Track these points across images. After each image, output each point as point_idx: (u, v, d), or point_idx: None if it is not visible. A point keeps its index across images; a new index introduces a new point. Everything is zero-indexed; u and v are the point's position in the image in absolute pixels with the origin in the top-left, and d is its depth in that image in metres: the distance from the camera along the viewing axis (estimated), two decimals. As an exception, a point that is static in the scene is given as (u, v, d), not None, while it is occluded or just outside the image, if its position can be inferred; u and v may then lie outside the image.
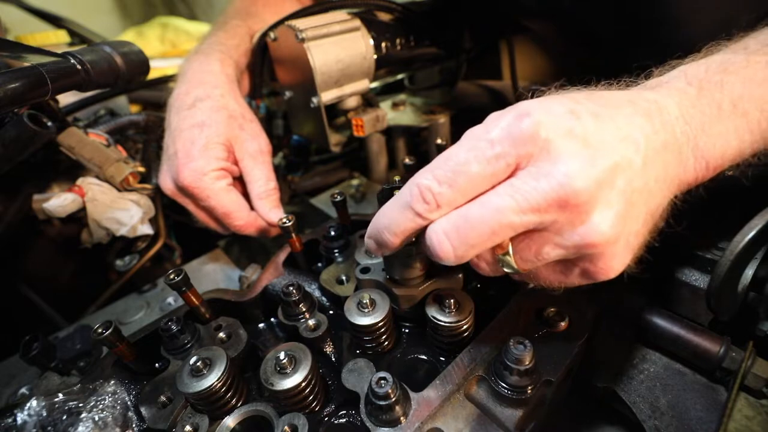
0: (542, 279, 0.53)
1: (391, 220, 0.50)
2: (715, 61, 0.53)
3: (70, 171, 1.07)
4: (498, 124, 0.45)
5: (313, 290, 0.76)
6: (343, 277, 0.74)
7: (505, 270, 0.50)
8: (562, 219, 0.43)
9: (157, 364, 0.68)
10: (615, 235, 0.44)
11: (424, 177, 0.47)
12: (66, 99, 1.21)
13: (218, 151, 0.93)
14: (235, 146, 0.97)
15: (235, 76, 1.06)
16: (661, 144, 0.46)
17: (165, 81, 1.47)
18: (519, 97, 0.50)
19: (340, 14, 1.09)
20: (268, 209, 0.97)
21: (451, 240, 0.46)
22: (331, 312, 0.74)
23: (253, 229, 0.99)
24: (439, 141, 0.95)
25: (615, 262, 0.46)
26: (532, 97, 0.49)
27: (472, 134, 0.47)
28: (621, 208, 0.44)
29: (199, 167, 0.90)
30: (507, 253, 0.48)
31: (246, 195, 1.00)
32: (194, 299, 0.67)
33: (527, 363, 0.52)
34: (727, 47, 0.57)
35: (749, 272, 0.63)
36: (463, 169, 0.45)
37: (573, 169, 0.42)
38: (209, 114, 0.93)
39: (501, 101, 1.51)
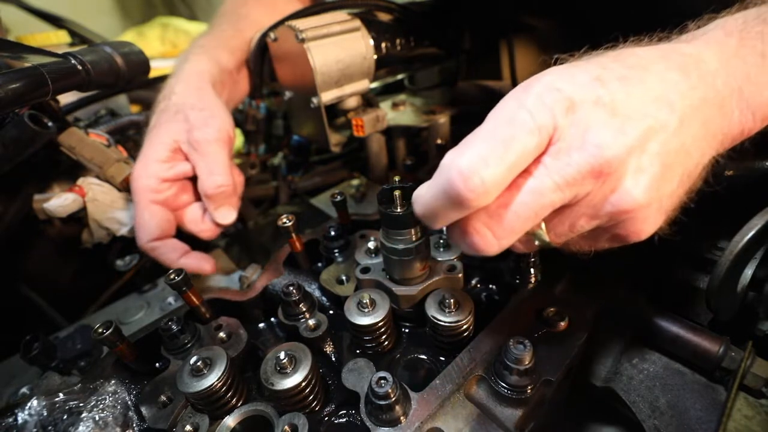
0: (572, 246, 0.53)
1: (431, 210, 0.47)
2: (751, 14, 0.52)
3: (70, 171, 1.07)
4: (528, 94, 0.44)
5: (313, 290, 0.76)
6: (343, 277, 0.74)
7: (538, 244, 0.50)
8: (595, 189, 0.44)
9: (157, 364, 0.68)
10: (648, 199, 0.43)
11: (466, 159, 0.41)
12: (66, 98, 1.21)
13: (159, 152, 0.86)
14: (180, 141, 0.88)
15: (210, 70, 1.00)
16: (699, 99, 0.45)
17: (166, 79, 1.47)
18: (543, 64, 0.49)
19: (340, 14, 1.09)
20: (213, 208, 0.87)
21: (495, 231, 0.45)
22: (331, 312, 0.74)
23: (155, 256, 0.89)
24: (439, 141, 0.95)
25: (646, 226, 0.46)
26: (555, 65, 0.48)
27: (502, 108, 0.44)
28: (656, 172, 0.43)
29: (136, 171, 0.86)
30: (540, 229, 0.48)
31: None
32: (194, 299, 0.67)
33: (527, 363, 0.52)
34: (759, 4, 0.55)
35: (749, 272, 0.63)
36: (512, 145, 0.42)
37: (603, 139, 0.42)
38: (159, 115, 0.90)
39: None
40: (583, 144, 0.42)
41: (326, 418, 0.58)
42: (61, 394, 0.58)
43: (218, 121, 0.89)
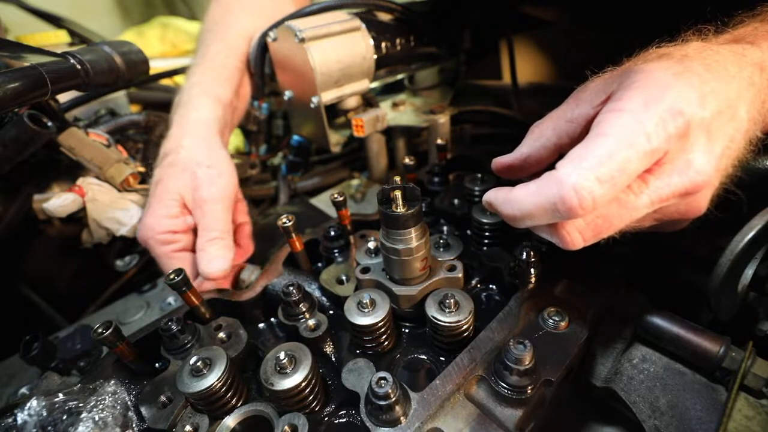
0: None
1: (528, 216, 0.50)
2: None
3: (70, 171, 1.07)
4: (650, 115, 0.45)
5: (313, 290, 0.76)
6: (343, 277, 0.74)
7: None
8: (677, 202, 0.49)
9: (157, 364, 0.68)
10: (705, 209, 0.51)
11: (583, 177, 0.44)
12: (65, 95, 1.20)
13: (170, 207, 0.88)
14: (185, 197, 0.90)
15: (215, 116, 1.01)
16: (756, 112, 0.50)
17: (169, 75, 1.46)
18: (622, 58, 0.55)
19: (340, 14, 1.09)
20: (206, 261, 0.84)
21: (585, 236, 0.49)
22: (331, 312, 0.74)
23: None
24: (439, 141, 0.95)
25: (687, 224, 0.54)
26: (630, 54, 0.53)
27: (622, 125, 0.45)
28: (717, 185, 0.50)
29: (146, 226, 0.87)
30: None
31: None
32: (194, 299, 0.67)
33: (527, 363, 0.52)
34: None
35: (749, 272, 0.63)
36: (626, 167, 0.44)
37: (701, 165, 0.46)
38: (166, 170, 0.91)
39: (501, 101, 1.50)
40: (685, 169, 0.46)
41: (326, 418, 0.58)
42: (60, 395, 0.58)
43: (223, 180, 0.91)
